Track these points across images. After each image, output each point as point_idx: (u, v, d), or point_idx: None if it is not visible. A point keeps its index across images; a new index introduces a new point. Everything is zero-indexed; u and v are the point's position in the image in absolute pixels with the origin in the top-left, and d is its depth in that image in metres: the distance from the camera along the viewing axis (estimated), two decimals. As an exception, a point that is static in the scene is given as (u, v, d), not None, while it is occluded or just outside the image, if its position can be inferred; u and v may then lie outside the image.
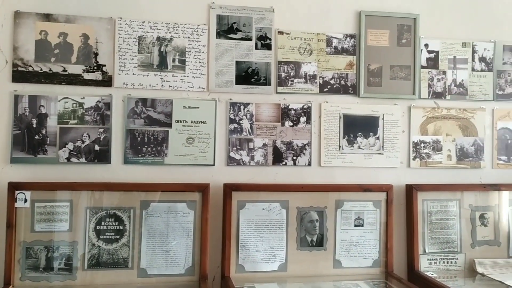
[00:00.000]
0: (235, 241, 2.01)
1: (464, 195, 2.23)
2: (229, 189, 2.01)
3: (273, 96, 2.15)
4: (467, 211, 2.22)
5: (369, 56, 2.21)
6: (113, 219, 1.92)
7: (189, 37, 2.08)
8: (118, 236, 1.92)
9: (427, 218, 2.18)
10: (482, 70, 2.31)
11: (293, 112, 2.16)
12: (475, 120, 2.30)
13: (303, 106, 2.17)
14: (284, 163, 2.14)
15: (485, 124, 2.31)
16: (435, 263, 2.16)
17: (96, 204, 1.92)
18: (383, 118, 2.22)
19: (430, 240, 2.18)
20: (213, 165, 2.09)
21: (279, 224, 2.06)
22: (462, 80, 2.29)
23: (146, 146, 2.03)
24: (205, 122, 2.08)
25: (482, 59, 2.31)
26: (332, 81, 2.19)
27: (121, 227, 1.92)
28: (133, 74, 2.03)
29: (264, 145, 2.13)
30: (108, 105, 2.01)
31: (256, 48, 2.14)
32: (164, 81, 2.06)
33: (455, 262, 2.18)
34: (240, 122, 2.11)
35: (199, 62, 2.09)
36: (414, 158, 2.25)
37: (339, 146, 2.19)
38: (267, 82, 2.14)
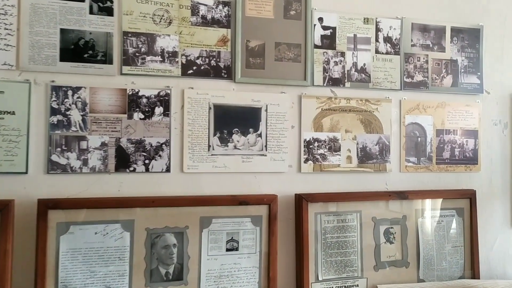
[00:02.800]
0: (52, 280, 1.43)
1: (366, 205, 1.80)
2: (44, 206, 1.43)
3: (116, 79, 1.59)
4: (370, 226, 1.80)
5: (248, 30, 1.72)
6: None
7: (-12, -8, 1.48)
8: None
9: (321, 236, 1.73)
10: (387, 53, 1.90)
11: (145, 100, 1.61)
12: (380, 113, 1.88)
13: (159, 93, 1.63)
14: (132, 168, 1.59)
15: (392, 118, 1.90)
16: (331, 293, 1.72)
17: None
18: (266, 110, 1.74)
19: (324, 264, 1.72)
20: (26, 172, 1.49)
21: (120, 253, 1.51)
22: (364, 64, 1.86)
23: None
24: (13, 113, 1.48)
25: (388, 39, 1.90)
26: (199, 61, 1.67)
27: None
28: None
29: (103, 144, 1.57)
30: None
31: (91, 12, 1.57)
32: None
33: (355, 290, 1.75)
34: (68, 113, 1.53)
35: (5, 29, 1.49)
36: (306, 160, 1.78)
37: (209, 146, 1.67)
38: (107, 60, 1.58)
